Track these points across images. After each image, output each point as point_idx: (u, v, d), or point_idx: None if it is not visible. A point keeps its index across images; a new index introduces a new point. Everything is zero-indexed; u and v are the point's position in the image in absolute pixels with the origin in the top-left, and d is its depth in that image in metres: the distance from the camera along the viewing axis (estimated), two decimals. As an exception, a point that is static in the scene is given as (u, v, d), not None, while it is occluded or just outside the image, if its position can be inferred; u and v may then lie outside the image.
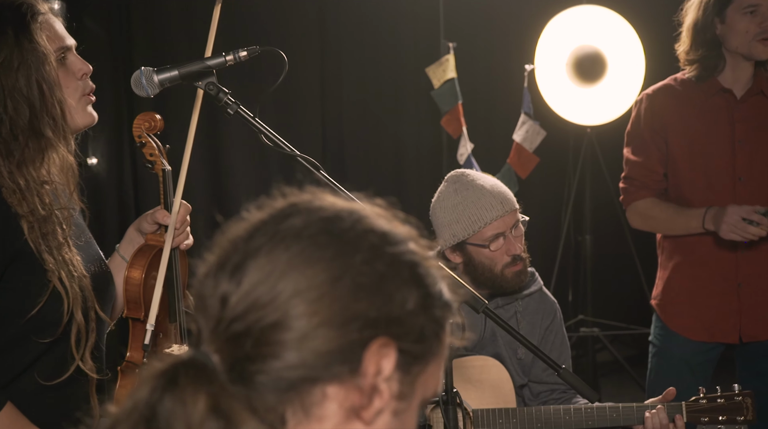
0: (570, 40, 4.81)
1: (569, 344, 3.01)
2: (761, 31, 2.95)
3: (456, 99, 4.76)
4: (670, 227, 3.14)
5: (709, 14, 3.00)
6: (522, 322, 2.88)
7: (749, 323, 3.09)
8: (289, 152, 2.09)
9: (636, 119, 3.16)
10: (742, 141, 3.04)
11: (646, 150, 3.13)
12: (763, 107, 3.06)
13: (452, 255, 2.83)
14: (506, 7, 5.42)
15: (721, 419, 2.70)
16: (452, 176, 2.86)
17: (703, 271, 3.11)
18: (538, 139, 4.81)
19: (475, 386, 2.77)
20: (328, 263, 1.01)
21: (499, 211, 2.74)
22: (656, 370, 3.21)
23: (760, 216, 2.88)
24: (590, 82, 4.84)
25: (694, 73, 3.06)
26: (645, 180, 3.14)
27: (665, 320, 3.18)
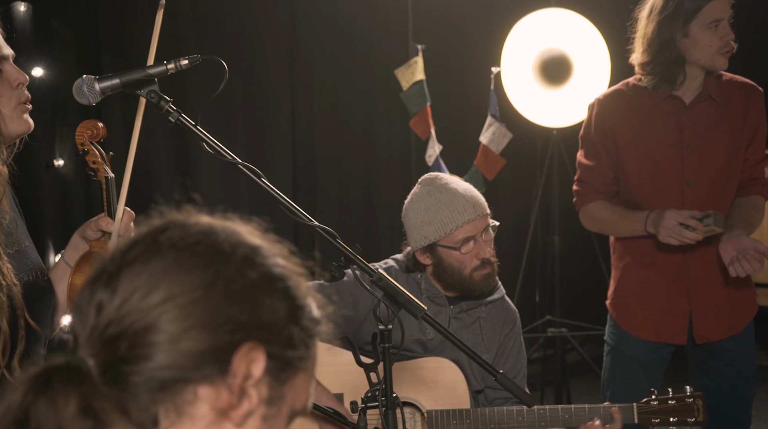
0: (536, 42, 4.85)
1: (524, 352, 3.06)
2: (723, 45, 2.99)
3: (424, 101, 4.79)
4: (617, 230, 3.20)
5: (670, 28, 3.01)
6: (485, 328, 2.94)
7: (701, 325, 3.14)
8: (231, 160, 2.12)
9: (588, 124, 3.21)
10: (690, 146, 3.08)
11: (597, 154, 3.17)
12: (712, 112, 3.10)
13: (422, 256, 2.88)
14: (473, 10, 5.46)
15: (672, 420, 2.74)
16: (426, 179, 2.92)
17: (653, 272, 3.16)
18: (504, 141, 4.85)
19: (430, 387, 2.81)
20: (201, 270, 1.06)
21: (471, 215, 2.81)
22: (610, 369, 3.27)
23: (696, 221, 2.92)
24: (556, 85, 4.88)
25: (650, 83, 3.09)
26: (596, 183, 3.19)
27: (617, 319, 3.24)
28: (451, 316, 2.91)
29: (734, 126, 3.11)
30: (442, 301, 2.91)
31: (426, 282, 2.91)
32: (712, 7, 2.98)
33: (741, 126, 3.12)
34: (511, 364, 2.96)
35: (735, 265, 2.96)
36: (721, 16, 2.98)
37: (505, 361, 2.95)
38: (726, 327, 3.15)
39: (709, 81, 3.10)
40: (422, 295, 2.89)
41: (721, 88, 3.12)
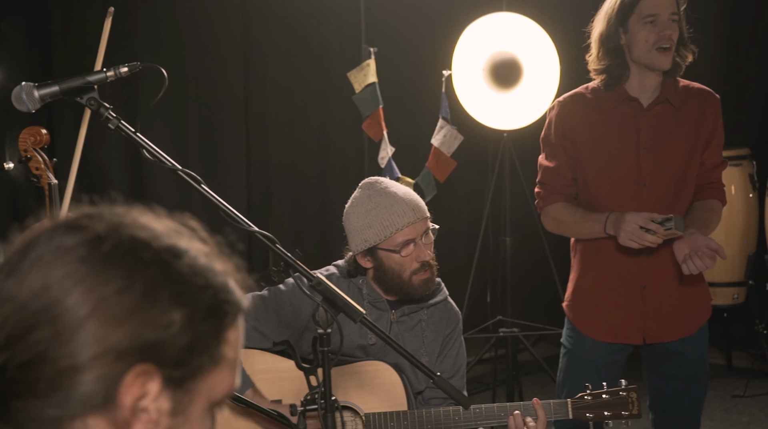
0: (487, 46, 4.89)
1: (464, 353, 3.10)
2: (659, 40, 3.04)
3: (377, 103, 4.82)
4: (577, 231, 3.23)
5: (613, 25, 3.09)
6: (426, 330, 2.97)
7: (653, 325, 3.19)
8: (170, 166, 2.13)
9: (548, 126, 3.25)
10: (647, 148, 3.13)
11: (557, 156, 3.22)
12: (669, 115, 3.15)
13: (363, 260, 2.91)
14: (425, 13, 5.50)
15: (607, 414, 2.79)
16: (366, 183, 2.95)
17: (609, 273, 3.20)
18: (455, 143, 4.89)
19: (367, 390, 2.84)
20: (81, 296, 1.01)
21: (411, 218, 2.84)
22: (565, 371, 3.30)
23: (656, 225, 2.96)
24: (506, 88, 4.93)
25: (602, 82, 3.15)
26: (556, 185, 3.23)
27: (574, 321, 3.27)
28: (392, 321, 2.94)
29: (690, 130, 3.16)
30: (384, 305, 2.94)
31: (367, 287, 2.95)
32: (648, 2, 3.04)
33: (697, 130, 3.17)
34: (449, 363, 3.00)
35: (688, 263, 3.00)
36: (656, 11, 3.03)
37: (443, 360, 3.00)
38: (678, 328, 3.20)
39: (666, 85, 3.15)
40: (364, 300, 2.93)
41: (678, 93, 3.17)
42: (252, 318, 2.89)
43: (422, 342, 2.96)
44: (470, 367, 5.34)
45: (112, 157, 4.58)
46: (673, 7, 3.06)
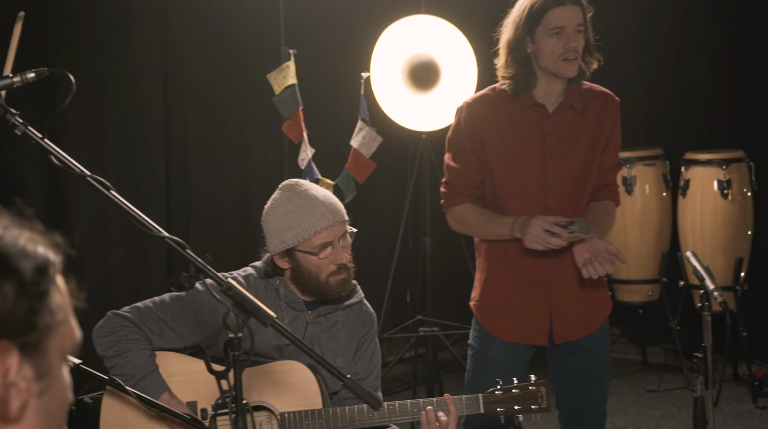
0: (405, 48, 4.94)
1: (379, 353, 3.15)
2: (565, 52, 3.11)
3: (297, 105, 4.83)
4: (483, 232, 3.29)
5: (520, 34, 3.15)
6: (342, 332, 3.02)
7: (560, 325, 3.27)
8: (79, 173, 2.13)
9: (456, 127, 3.30)
10: (552, 153, 3.20)
11: (465, 157, 3.27)
12: (573, 122, 3.23)
13: (281, 261, 2.95)
14: (345, 16, 5.53)
15: (516, 408, 2.86)
16: (286, 185, 2.99)
17: (515, 274, 3.27)
18: (374, 145, 4.92)
19: (282, 390, 2.87)
20: None
21: (329, 221, 2.89)
22: (472, 372, 3.37)
23: (561, 228, 3.04)
24: (424, 90, 4.98)
25: (509, 88, 3.21)
26: (463, 186, 3.29)
27: (481, 321, 3.33)
28: (308, 321, 2.98)
29: (592, 133, 3.25)
30: (301, 306, 2.98)
31: (284, 287, 2.98)
32: (554, 15, 3.10)
33: (598, 133, 3.26)
34: (364, 364, 3.05)
35: (588, 267, 3.09)
36: (563, 23, 3.10)
37: (358, 361, 3.04)
38: (583, 326, 3.30)
39: (570, 91, 3.23)
40: (281, 301, 2.96)
41: (581, 98, 3.25)
42: (170, 318, 2.90)
43: (338, 343, 3.00)
44: (391, 366, 5.40)
45: (27, 161, 4.53)
46: (579, 19, 3.13)
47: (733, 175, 5.39)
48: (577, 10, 3.13)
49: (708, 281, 2.86)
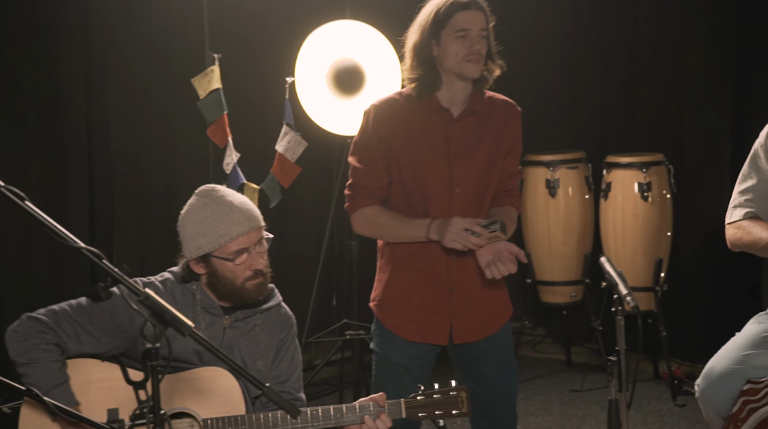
0: (330, 53, 4.96)
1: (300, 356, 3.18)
2: (469, 53, 3.19)
3: (221, 109, 4.82)
4: (394, 235, 3.32)
5: (426, 37, 3.23)
6: (261, 335, 3.03)
7: (459, 326, 3.32)
8: (-9, 185, 2.12)
9: (364, 129, 3.34)
10: (456, 156, 3.27)
11: (373, 158, 3.31)
12: (476, 126, 3.31)
13: (197, 266, 2.96)
14: (269, 20, 5.53)
15: (438, 413, 2.91)
16: (202, 191, 3.00)
17: (418, 275, 3.33)
18: (300, 149, 4.94)
19: (205, 396, 2.88)
20: None
21: (245, 228, 2.91)
22: (378, 376, 3.41)
23: (481, 228, 3.10)
24: (349, 94, 5.00)
25: (415, 91, 3.27)
26: (371, 187, 3.32)
27: (382, 320, 3.37)
28: (226, 326, 2.99)
29: (494, 140, 3.33)
30: (218, 311, 2.99)
31: (201, 292, 2.99)
32: (460, 18, 3.19)
33: (499, 140, 3.34)
34: (285, 367, 3.08)
35: (491, 268, 3.16)
36: (467, 27, 3.19)
37: (279, 363, 3.06)
38: (482, 328, 3.36)
39: (474, 97, 3.30)
40: (197, 306, 2.97)
41: (484, 104, 3.34)
42: (86, 321, 2.89)
43: (257, 346, 3.02)
44: (318, 369, 5.43)
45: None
46: (482, 24, 3.22)
47: (653, 178, 5.50)
48: (480, 15, 3.23)
49: (621, 286, 2.92)
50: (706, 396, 3.35)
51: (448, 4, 3.20)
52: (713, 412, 3.34)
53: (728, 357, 3.35)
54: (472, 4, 3.21)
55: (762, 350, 3.31)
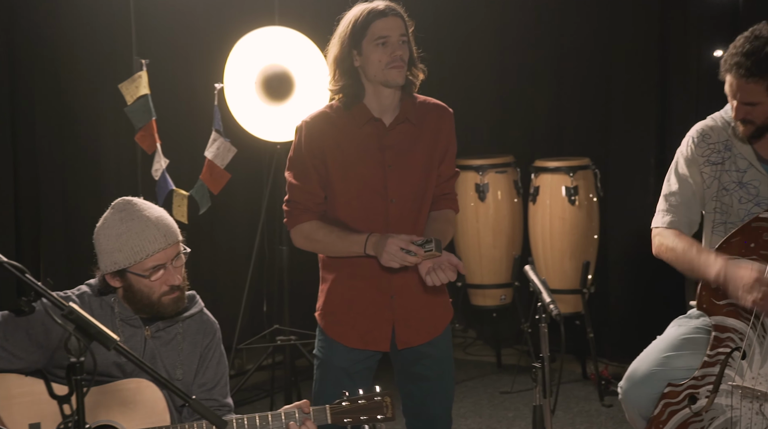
0: (259, 59, 4.96)
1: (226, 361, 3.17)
2: (391, 60, 3.21)
3: (150, 115, 4.79)
4: (332, 250, 3.33)
5: (347, 47, 3.24)
6: (183, 344, 3.03)
7: (403, 331, 3.35)
8: None
9: (297, 145, 3.34)
10: (391, 166, 3.28)
11: (307, 174, 3.31)
12: (409, 133, 3.32)
13: (112, 280, 2.94)
14: (198, 26, 5.51)
15: (363, 419, 2.93)
16: (118, 204, 2.97)
17: (359, 283, 3.34)
18: (229, 155, 4.93)
19: (130, 408, 2.87)
20: None
21: (162, 244, 2.90)
22: (320, 381, 3.41)
23: (417, 247, 3.12)
24: (279, 101, 5.01)
25: (341, 102, 3.29)
26: (308, 203, 3.32)
27: (325, 329, 3.39)
28: (147, 337, 2.97)
29: (428, 145, 3.34)
30: (137, 322, 2.98)
31: (119, 305, 2.98)
32: (378, 26, 3.20)
33: (434, 145, 3.35)
34: (211, 374, 3.07)
35: (432, 275, 3.19)
36: (387, 33, 3.20)
37: (205, 371, 3.06)
38: (425, 332, 3.39)
39: (405, 104, 3.32)
40: (116, 318, 2.95)
41: (416, 110, 3.34)
42: (2, 338, 2.85)
43: (178, 355, 3.01)
44: (249, 374, 5.42)
45: None
46: (401, 29, 3.24)
47: (580, 182, 5.59)
48: (399, 21, 3.24)
49: (544, 294, 2.97)
50: (628, 397, 3.42)
51: (365, 14, 3.21)
52: (636, 413, 3.41)
53: (650, 359, 3.42)
54: (389, 11, 3.22)
55: (682, 352, 3.38)
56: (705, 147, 3.52)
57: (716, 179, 3.49)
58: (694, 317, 3.48)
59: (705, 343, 3.31)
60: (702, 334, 3.37)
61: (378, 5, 3.24)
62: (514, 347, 6.24)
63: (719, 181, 3.48)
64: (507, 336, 6.26)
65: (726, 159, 3.48)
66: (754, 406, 3.14)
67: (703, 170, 3.51)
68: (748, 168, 3.45)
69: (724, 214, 3.47)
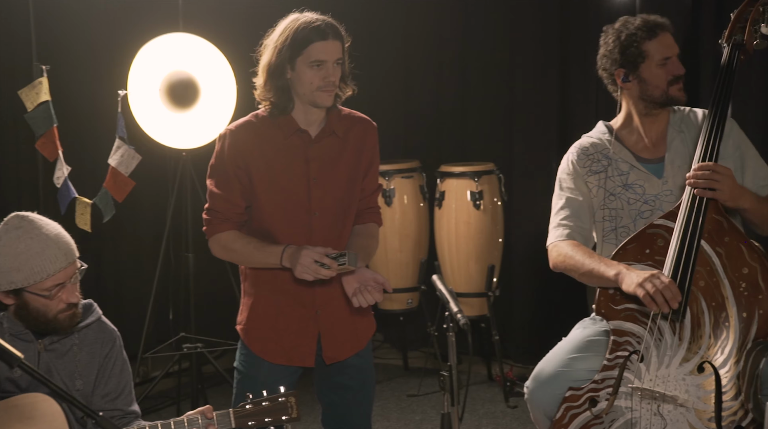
0: (163, 65, 4.92)
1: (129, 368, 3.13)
2: (323, 85, 3.18)
3: (51, 122, 4.71)
4: (250, 261, 3.31)
5: (281, 60, 3.19)
6: (80, 354, 2.99)
7: (329, 346, 3.35)
8: None
9: (220, 154, 3.30)
10: (316, 178, 3.27)
11: (229, 184, 3.28)
12: (335, 147, 3.31)
13: (5, 298, 2.89)
14: (101, 32, 5.44)
15: (267, 420, 2.94)
16: (13, 221, 2.90)
17: (283, 298, 3.32)
18: (133, 163, 4.88)
19: (28, 424, 2.82)
20: None
21: (62, 264, 2.85)
22: (240, 394, 3.38)
23: (330, 260, 3.12)
24: (184, 107, 4.98)
25: (267, 110, 3.27)
26: (228, 213, 3.30)
27: (248, 344, 3.37)
28: (40, 351, 2.93)
29: (353, 158, 3.34)
30: (29, 336, 2.93)
31: (8, 320, 2.93)
32: (317, 48, 3.15)
33: (358, 158, 3.35)
34: (114, 383, 3.04)
35: (358, 297, 3.20)
36: (324, 58, 3.16)
37: (107, 381, 3.02)
38: (350, 345, 3.39)
39: (331, 117, 3.31)
40: (5, 333, 2.89)
41: (342, 123, 3.33)
42: None
43: (76, 366, 2.97)
44: (156, 382, 5.37)
45: None
46: (338, 54, 3.19)
47: (485, 187, 5.67)
48: (338, 45, 3.19)
49: (452, 304, 3.02)
50: (534, 398, 3.49)
51: (307, 30, 3.14)
52: (541, 413, 3.48)
53: (555, 360, 3.49)
54: (329, 33, 3.16)
55: (586, 354, 3.46)
56: (585, 159, 3.66)
57: (601, 188, 3.60)
58: (598, 320, 3.57)
59: (607, 346, 3.40)
60: (605, 337, 3.45)
61: (319, 23, 3.16)
62: (420, 350, 6.30)
63: (605, 188, 3.60)
64: (413, 339, 6.32)
65: (607, 166, 3.61)
66: (652, 407, 3.24)
67: (587, 181, 3.63)
68: (631, 169, 3.58)
69: (614, 219, 3.58)
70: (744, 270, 3.21)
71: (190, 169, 5.08)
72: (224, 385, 5.52)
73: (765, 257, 3.22)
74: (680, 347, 3.23)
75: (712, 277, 3.24)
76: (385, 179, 5.78)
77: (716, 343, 3.20)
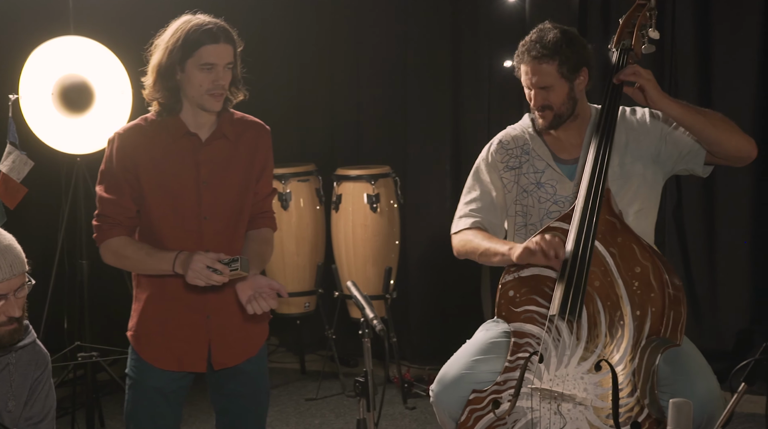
0: (55, 69, 4.82)
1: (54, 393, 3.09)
2: (213, 88, 3.18)
3: (-62, 127, 4.59)
4: (142, 268, 3.28)
5: (172, 61, 3.17)
6: (15, 374, 2.92)
7: (218, 351, 3.34)
8: None
9: (109, 158, 3.27)
10: (206, 182, 3.26)
11: (119, 188, 3.25)
12: (226, 150, 3.31)
13: None
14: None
15: None
16: None
17: (174, 304, 3.30)
18: (26, 169, 4.77)
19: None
20: None
21: (7, 274, 2.78)
22: (132, 402, 3.36)
23: (222, 265, 3.11)
24: (78, 112, 4.89)
25: (155, 110, 3.25)
26: (118, 218, 3.26)
27: (139, 351, 3.34)
28: None
29: (245, 162, 3.33)
30: None
31: None
32: (207, 51, 3.15)
33: (251, 162, 3.35)
34: (39, 407, 2.99)
35: (252, 304, 3.19)
36: (214, 61, 3.16)
37: (33, 404, 2.97)
38: (241, 351, 3.39)
39: (223, 119, 3.30)
40: None
41: (234, 127, 3.33)
42: None
43: (10, 386, 2.91)
44: (50, 393, 5.25)
45: None
46: (230, 58, 3.20)
47: (381, 190, 5.72)
48: (229, 48, 3.19)
49: (368, 310, 3.04)
50: (439, 400, 3.53)
51: (199, 32, 3.13)
52: (446, 415, 3.52)
53: (459, 363, 3.54)
54: (221, 36, 3.15)
55: (489, 356, 3.51)
56: (504, 153, 3.70)
57: (515, 184, 3.67)
58: (501, 322, 3.63)
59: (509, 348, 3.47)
60: (507, 339, 3.51)
61: (211, 26, 3.15)
62: (317, 353, 6.32)
63: (518, 184, 3.66)
64: (310, 342, 6.34)
65: (524, 162, 3.66)
66: (552, 406, 3.31)
67: (503, 176, 3.68)
68: (546, 168, 3.64)
69: (525, 215, 3.66)
70: (636, 269, 3.30)
71: (85, 174, 4.99)
72: (119, 393, 5.41)
73: (656, 256, 3.31)
74: (578, 346, 3.31)
75: (607, 276, 3.32)
76: (281, 183, 5.77)
77: (612, 341, 3.29)
